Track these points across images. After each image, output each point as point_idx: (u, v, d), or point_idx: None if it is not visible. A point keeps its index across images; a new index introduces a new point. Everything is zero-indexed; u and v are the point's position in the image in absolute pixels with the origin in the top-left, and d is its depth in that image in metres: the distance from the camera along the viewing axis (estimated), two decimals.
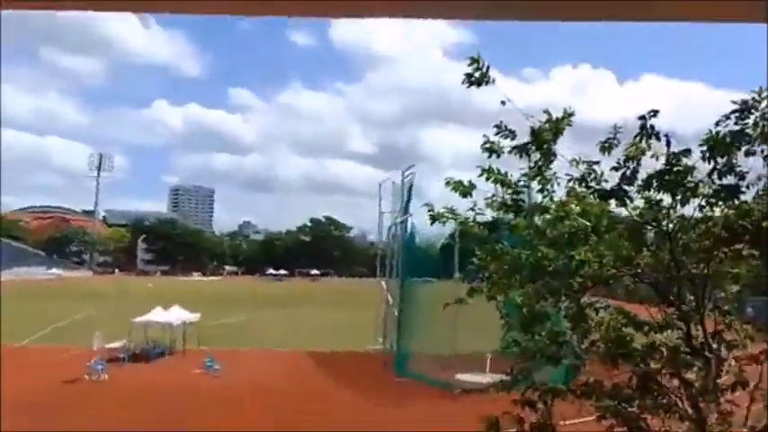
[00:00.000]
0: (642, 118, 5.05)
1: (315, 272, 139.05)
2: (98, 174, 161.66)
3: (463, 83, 5.40)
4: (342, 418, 20.41)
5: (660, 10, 1.51)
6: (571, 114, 5.38)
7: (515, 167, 5.79)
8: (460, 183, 5.65)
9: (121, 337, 30.84)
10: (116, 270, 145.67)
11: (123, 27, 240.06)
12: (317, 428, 19.19)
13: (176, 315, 32.23)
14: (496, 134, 5.39)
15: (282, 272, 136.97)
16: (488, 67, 5.37)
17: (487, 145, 5.43)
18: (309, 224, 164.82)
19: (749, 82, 5.06)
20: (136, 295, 69.36)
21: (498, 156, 5.48)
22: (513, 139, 5.44)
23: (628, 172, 5.18)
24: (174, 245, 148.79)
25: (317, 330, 42.74)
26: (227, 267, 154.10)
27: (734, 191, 5.16)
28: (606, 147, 5.33)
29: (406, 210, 31.37)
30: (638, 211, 5.50)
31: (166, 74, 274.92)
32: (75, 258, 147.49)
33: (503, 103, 5.19)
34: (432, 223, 5.90)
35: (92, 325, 35.17)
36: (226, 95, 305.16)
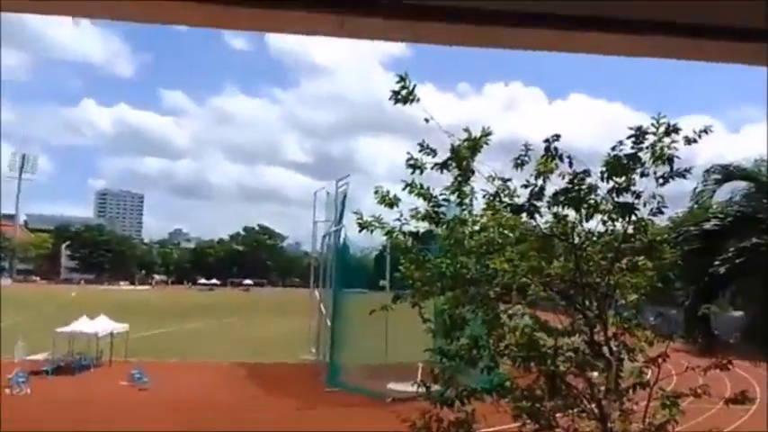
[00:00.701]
0: (546, 141, 5.54)
1: (248, 282, 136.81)
2: (20, 175, 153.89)
3: (390, 99, 5.74)
4: (271, 426, 20.39)
5: (655, 47, 1.59)
6: (489, 133, 5.82)
7: (446, 181, 6.18)
8: (386, 195, 6.01)
9: (45, 348, 29.68)
10: (38, 278, 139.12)
11: (51, 21, 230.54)
12: None
13: (103, 325, 31.28)
14: (420, 151, 5.77)
15: (214, 281, 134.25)
16: (414, 86, 5.73)
17: (411, 162, 5.80)
18: (243, 233, 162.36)
19: (664, 106, 5.61)
20: (60, 305, 66.56)
21: (421, 172, 5.86)
22: (434, 156, 5.83)
23: (536, 189, 5.65)
24: (100, 252, 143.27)
25: (250, 341, 42.23)
26: (157, 276, 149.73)
27: (631, 208, 5.72)
28: (519, 163, 5.79)
29: (339, 220, 31.54)
30: (547, 225, 6.00)
31: (96, 72, 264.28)
32: None
33: (426, 120, 5.58)
34: (360, 231, 6.23)
35: (12, 336, 33.60)
36: (158, 97, 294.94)
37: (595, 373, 6.56)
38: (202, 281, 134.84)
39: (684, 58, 1.63)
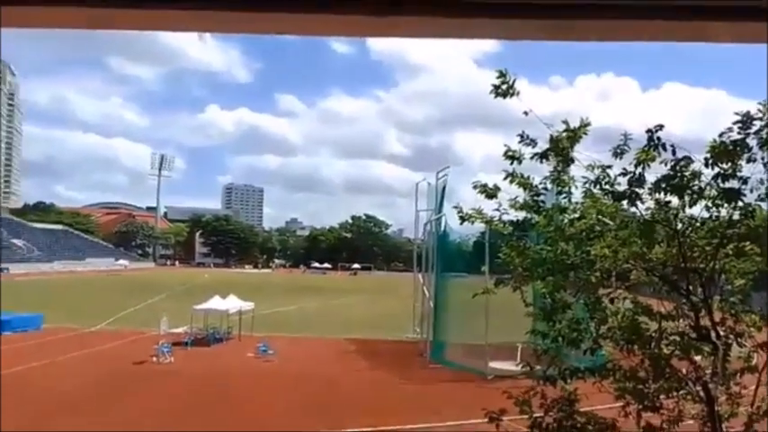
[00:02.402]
0: (649, 131, 5.25)
1: (356, 266, 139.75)
2: (159, 173, 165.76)
3: (490, 93, 5.65)
4: (379, 397, 20.81)
5: (656, 31, 1.56)
6: (587, 124, 5.61)
7: (544, 170, 6.02)
8: (485, 186, 5.94)
9: (183, 323, 31.90)
10: (176, 262, 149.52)
11: (180, 37, 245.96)
12: (358, 405, 19.65)
13: (232, 303, 33.16)
14: (519, 142, 5.66)
15: (326, 265, 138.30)
16: (514, 81, 5.62)
17: (510, 153, 5.70)
18: (350, 221, 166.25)
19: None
20: (195, 285, 71.14)
21: (520, 162, 5.74)
22: (534, 146, 5.69)
23: (636, 176, 5.37)
24: (228, 239, 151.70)
25: (359, 320, 43.26)
26: (276, 261, 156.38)
27: (737, 194, 5.32)
28: (618, 153, 5.53)
29: (440, 209, 31.62)
30: (649, 212, 5.69)
31: (219, 80, 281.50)
32: (139, 251, 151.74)
33: (525, 113, 5.46)
34: (461, 223, 6.20)
35: (156, 312, 36.38)
36: (273, 101, 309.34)
37: (699, 357, 6.19)
38: (316, 264, 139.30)
39: (681, 38, 1.55)
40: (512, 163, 5.73)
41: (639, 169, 5.39)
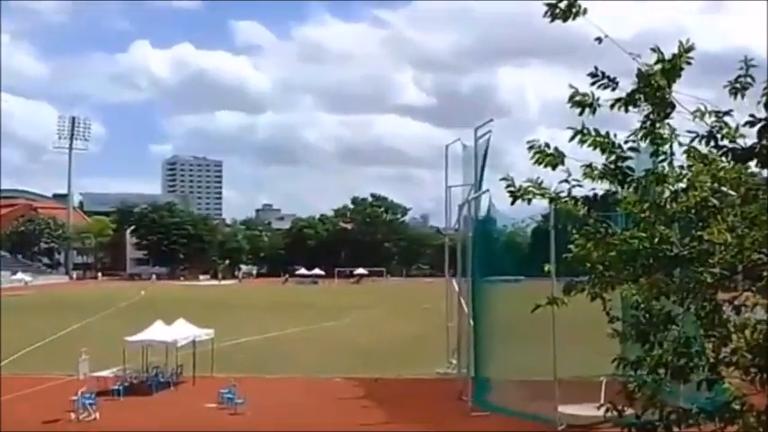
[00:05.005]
0: None
1: (360, 271, 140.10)
2: (70, 144, 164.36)
3: (544, 16, 5.56)
4: None
5: None
6: (690, 48, 5.50)
7: (629, 120, 5.89)
8: (545, 150, 5.80)
9: (113, 361, 32.09)
10: (99, 274, 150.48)
11: None
12: None
13: (182, 332, 33.28)
14: (593, 83, 5.55)
15: (317, 272, 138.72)
16: None
17: (578, 98, 5.59)
18: (351, 206, 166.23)
19: None
20: (128, 306, 71.69)
21: (594, 111, 5.63)
22: (614, 88, 5.58)
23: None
24: (172, 238, 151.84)
25: (369, 349, 43.36)
26: (244, 267, 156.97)
27: None
28: (737, 88, 5.42)
29: (480, 182, 31.17)
30: None
31: (149, 6, 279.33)
32: (45, 259, 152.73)
33: (598, 40, 5.37)
34: (512, 202, 6.10)
35: (73, 347, 36.64)
36: (227, 31, 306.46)
37: None
38: (302, 271, 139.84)
39: None
40: (581, 113, 5.62)
41: None
